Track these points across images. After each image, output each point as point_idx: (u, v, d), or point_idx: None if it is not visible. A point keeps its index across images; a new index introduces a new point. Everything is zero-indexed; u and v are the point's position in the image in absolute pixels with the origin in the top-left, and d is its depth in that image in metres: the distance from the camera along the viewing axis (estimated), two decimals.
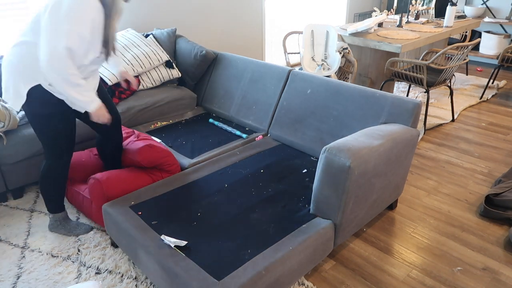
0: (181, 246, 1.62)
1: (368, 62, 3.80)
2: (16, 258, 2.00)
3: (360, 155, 1.69)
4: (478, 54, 5.32)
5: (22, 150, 2.36)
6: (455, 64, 3.25)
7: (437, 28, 3.97)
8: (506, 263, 1.96)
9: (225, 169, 2.22)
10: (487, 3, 5.36)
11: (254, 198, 1.96)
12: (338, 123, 2.32)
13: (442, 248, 2.07)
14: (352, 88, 2.31)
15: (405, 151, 2.01)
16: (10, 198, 2.51)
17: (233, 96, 2.91)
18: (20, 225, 2.25)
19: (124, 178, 2.06)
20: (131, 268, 1.92)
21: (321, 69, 3.27)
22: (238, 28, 4.22)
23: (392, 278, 1.87)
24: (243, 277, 1.45)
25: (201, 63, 3.07)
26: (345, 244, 2.09)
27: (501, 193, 2.38)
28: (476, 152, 3.05)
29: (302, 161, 2.32)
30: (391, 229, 2.21)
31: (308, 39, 3.34)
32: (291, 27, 4.95)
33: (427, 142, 3.22)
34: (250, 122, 2.76)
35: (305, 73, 2.56)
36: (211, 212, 1.85)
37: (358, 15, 5.61)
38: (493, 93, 4.31)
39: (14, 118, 2.35)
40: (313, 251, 1.71)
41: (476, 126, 3.52)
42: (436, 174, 2.75)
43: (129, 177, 2.09)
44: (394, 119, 2.12)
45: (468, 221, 2.27)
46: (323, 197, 1.77)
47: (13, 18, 2.84)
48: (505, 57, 4.05)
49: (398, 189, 2.19)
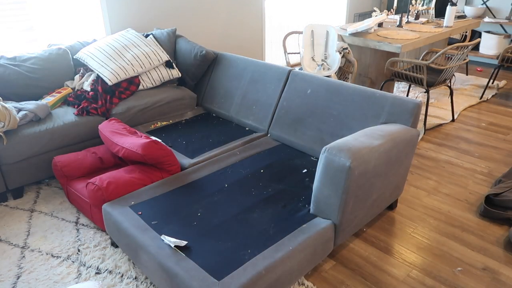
0: (181, 246, 1.62)
1: (368, 62, 3.80)
2: (16, 258, 2.00)
3: (360, 155, 1.69)
4: (478, 54, 5.32)
5: (22, 150, 2.36)
6: (455, 64, 3.25)
7: (437, 28, 3.97)
8: (506, 263, 1.96)
9: (225, 169, 2.22)
10: (487, 3, 5.36)
11: (254, 198, 1.96)
12: (338, 123, 2.32)
13: (442, 248, 2.07)
14: (352, 88, 2.31)
15: (405, 151, 2.01)
16: (10, 198, 2.51)
17: (233, 96, 2.91)
18: (20, 225, 2.25)
19: (124, 182, 2.04)
20: (131, 268, 1.92)
21: (321, 69, 3.27)
22: (238, 28, 4.22)
23: (392, 278, 1.87)
24: (243, 277, 1.45)
25: (201, 63, 3.07)
26: (345, 244, 2.09)
27: (501, 193, 2.38)
28: (476, 152, 3.05)
29: (302, 161, 2.32)
30: (391, 229, 2.21)
31: (308, 39, 3.34)
32: (291, 27, 4.95)
33: (427, 142, 3.22)
34: (250, 122, 2.76)
35: (305, 73, 2.57)
36: (211, 212, 1.85)
37: (358, 15, 5.61)
38: (493, 93, 4.31)
39: (14, 118, 2.35)
40: (313, 251, 1.71)
41: (476, 126, 3.52)
42: (436, 174, 2.75)
43: (128, 180, 2.06)
44: (394, 119, 2.12)
45: (468, 221, 2.27)
46: (323, 197, 1.77)
47: (13, 18, 2.84)
48: (505, 57, 4.05)
49: (398, 189, 2.19)
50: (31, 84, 2.75)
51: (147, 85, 2.98)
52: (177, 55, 3.21)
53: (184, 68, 3.15)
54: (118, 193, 2.00)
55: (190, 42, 3.17)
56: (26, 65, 2.75)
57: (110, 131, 2.31)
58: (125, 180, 2.06)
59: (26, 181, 2.47)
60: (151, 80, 3.00)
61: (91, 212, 2.16)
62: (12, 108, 2.37)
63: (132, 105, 2.77)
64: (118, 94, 2.81)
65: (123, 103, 2.77)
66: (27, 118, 2.46)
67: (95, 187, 1.97)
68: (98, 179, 2.00)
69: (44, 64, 2.81)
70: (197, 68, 3.10)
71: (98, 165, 2.38)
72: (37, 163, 2.47)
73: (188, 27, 3.77)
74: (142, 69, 2.93)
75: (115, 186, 1.99)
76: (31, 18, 2.92)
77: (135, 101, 2.81)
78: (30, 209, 2.39)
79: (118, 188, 2.00)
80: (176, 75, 3.09)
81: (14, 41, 2.91)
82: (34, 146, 2.41)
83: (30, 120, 2.48)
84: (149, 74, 2.99)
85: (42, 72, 2.79)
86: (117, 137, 2.26)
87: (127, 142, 2.17)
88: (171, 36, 3.20)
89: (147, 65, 2.95)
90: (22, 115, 2.46)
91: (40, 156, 2.48)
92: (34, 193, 2.55)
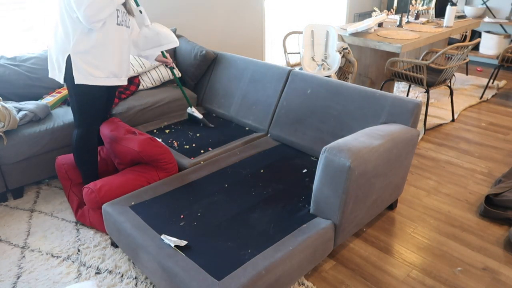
0: (181, 246, 1.62)
1: (368, 62, 3.80)
2: (16, 258, 2.00)
3: (360, 155, 1.69)
4: (478, 54, 5.32)
5: (22, 150, 2.36)
6: (455, 64, 3.25)
7: (437, 28, 3.97)
8: (506, 263, 1.96)
9: (225, 169, 2.22)
10: (487, 3, 5.36)
11: (254, 198, 1.96)
12: (338, 123, 2.32)
13: (442, 248, 2.07)
14: (352, 88, 2.31)
15: (405, 151, 2.01)
16: (10, 198, 2.51)
17: (233, 96, 2.91)
18: (20, 225, 2.25)
19: (118, 185, 2.04)
20: (131, 268, 1.92)
21: (321, 69, 3.27)
22: (238, 28, 4.22)
23: (392, 278, 1.87)
24: (243, 277, 1.45)
25: (201, 63, 3.07)
26: (345, 244, 2.09)
27: (501, 193, 2.38)
28: (476, 152, 3.05)
29: (302, 161, 2.32)
30: (391, 229, 2.21)
31: (308, 39, 3.34)
32: (291, 27, 4.95)
33: (427, 142, 3.22)
34: (250, 122, 2.76)
35: (305, 73, 2.57)
36: (211, 212, 1.85)
37: (358, 15, 5.61)
38: (493, 93, 4.31)
39: (14, 118, 2.35)
40: (313, 251, 1.71)
41: (476, 126, 3.52)
42: (436, 174, 2.75)
43: (123, 182, 2.07)
44: (394, 119, 2.12)
45: (468, 221, 2.27)
46: (323, 197, 1.77)
47: (13, 18, 2.84)
48: (505, 57, 4.05)
49: (398, 189, 2.19)
50: (31, 84, 2.75)
51: (147, 85, 2.98)
52: (177, 55, 3.21)
53: (184, 68, 3.15)
54: (111, 195, 2.00)
55: (190, 42, 3.17)
56: (26, 65, 2.75)
57: (110, 130, 2.31)
58: (119, 181, 2.06)
59: (26, 181, 2.47)
60: (151, 80, 3.00)
61: (90, 215, 2.17)
62: (12, 108, 2.37)
63: (132, 105, 2.77)
64: (118, 94, 2.81)
65: (123, 103, 2.77)
66: (27, 118, 2.46)
67: (89, 190, 1.99)
68: (92, 183, 2.03)
69: (44, 64, 2.81)
70: (197, 68, 3.10)
71: (103, 168, 2.38)
72: (37, 163, 2.47)
73: (188, 27, 3.77)
74: (142, 69, 2.93)
75: (108, 188, 2.01)
76: (31, 18, 2.92)
77: (135, 101, 2.81)
78: (30, 209, 2.39)
79: (111, 190, 2.01)
80: (176, 75, 3.09)
81: (14, 41, 2.91)
82: (34, 146, 2.41)
83: (30, 120, 2.48)
84: (149, 74, 2.99)
85: (42, 72, 2.79)
86: (116, 136, 2.26)
87: (124, 140, 2.18)
88: None
89: (147, 65, 2.95)
90: (22, 115, 2.46)
91: (40, 156, 2.48)
92: (34, 193, 2.55)
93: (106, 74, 2.05)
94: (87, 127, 2.17)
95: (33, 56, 2.81)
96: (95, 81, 2.02)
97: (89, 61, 1.98)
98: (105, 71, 2.04)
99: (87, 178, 2.26)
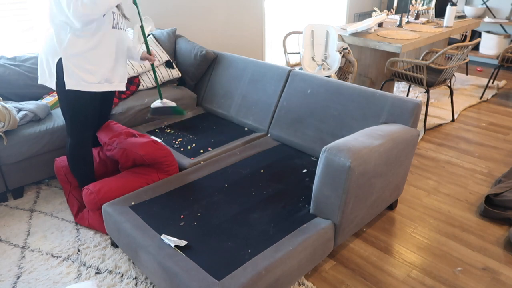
0: (181, 246, 1.62)
1: (368, 62, 3.80)
2: (16, 258, 2.00)
3: (360, 155, 1.69)
4: (478, 54, 5.32)
5: (22, 150, 2.36)
6: (455, 64, 3.25)
7: (437, 28, 3.97)
8: (506, 263, 1.96)
9: (225, 169, 2.22)
10: (487, 3, 5.36)
11: (254, 198, 1.96)
12: (338, 123, 2.32)
13: (442, 248, 2.07)
14: (352, 88, 2.31)
15: (405, 151, 2.01)
16: (10, 198, 2.51)
17: (233, 96, 2.91)
18: (20, 225, 2.25)
19: (117, 186, 2.04)
20: (131, 268, 1.92)
21: (321, 69, 3.27)
22: (238, 28, 4.22)
23: (392, 278, 1.87)
24: (243, 277, 1.45)
25: (201, 63, 3.07)
26: (345, 244, 2.09)
27: (501, 193, 2.38)
28: (476, 152, 3.05)
29: (302, 161, 2.32)
30: (391, 229, 2.21)
31: (308, 39, 3.34)
32: (291, 27, 4.95)
33: (427, 142, 3.22)
34: (250, 122, 2.76)
35: (305, 73, 2.57)
36: (211, 212, 1.85)
37: (358, 15, 5.61)
38: (493, 93, 4.31)
39: (14, 118, 2.35)
40: (313, 251, 1.71)
41: (476, 126, 3.52)
42: (436, 174, 2.75)
43: (122, 184, 2.07)
44: (394, 119, 2.12)
45: (468, 221, 2.27)
46: (323, 197, 1.77)
47: (13, 18, 2.84)
48: (505, 57, 4.05)
49: (398, 189, 2.19)
50: (31, 84, 2.75)
51: (147, 85, 2.98)
52: (177, 55, 3.21)
53: (184, 68, 3.15)
54: (111, 196, 2.01)
55: (190, 42, 3.17)
56: (26, 65, 2.75)
57: (109, 138, 2.29)
58: (118, 183, 2.07)
59: (26, 181, 2.47)
60: (151, 80, 3.00)
61: (90, 217, 2.17)
62: (12, 108, 2.37)
63: (132, 105, 2.77)
64: (118, 94, 2.81)
65: (123, 103, 2.77)
66: (27, 118, 2.46)
67: (88, 191, 2.00)
68: (92, 184, 2.03)
69: None
70: (197, 68, 3.10)
71: (102, 170, 2.38)
72: (37, 163, 2.47)
73: (188, 27, 3.77)
74: (142, 69, 2.93)
75: (108, 189, 2.01)
76: (31, 18, 2.92)
77: (135, 101, 2.81)
78: (30, 209, 2.39)
79: (111, 191, 2.01)
80: (176, 75, 3.09)
81: (14, 41, 2.91)
82: (34, 146, 2.41)
83: (30, 120, 2.48)
84: (149, 74, 2.99)
85: None
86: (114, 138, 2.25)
87: (125, 143, 2.17)
88: (171, 36, 3.20)
89: (147, 65, 2.95)
90: (22, 115, 2.46)
91: (40, 156, 2.48)
92: (34, 193, 2.55)
93: (99, 80, 1.96)
94: (79, 136, 2.10)
95: (33, 56, 2.81)
96: (87, 86, 1.93)
97: (81, 66, 1.89)
98: (97, 76, 1.95)
99: (83, 184, 2.22)
